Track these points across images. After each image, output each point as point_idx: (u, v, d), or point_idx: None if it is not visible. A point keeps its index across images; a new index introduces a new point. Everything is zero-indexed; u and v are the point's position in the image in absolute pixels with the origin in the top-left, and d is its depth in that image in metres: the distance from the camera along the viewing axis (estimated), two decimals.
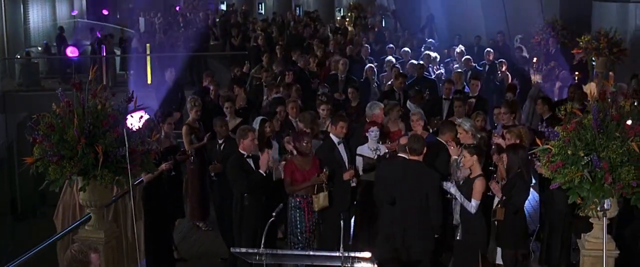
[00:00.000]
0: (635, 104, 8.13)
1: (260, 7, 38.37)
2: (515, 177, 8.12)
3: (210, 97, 12.64)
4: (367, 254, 6.09)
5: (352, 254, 6.09)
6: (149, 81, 21.19)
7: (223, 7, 39.63)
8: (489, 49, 17.14)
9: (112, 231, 7.14)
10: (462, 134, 8.77)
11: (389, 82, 14.19)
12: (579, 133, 6.39)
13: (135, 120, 6.93)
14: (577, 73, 16.68)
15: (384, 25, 28.49)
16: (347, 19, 30.48)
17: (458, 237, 8.27)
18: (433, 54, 16.74)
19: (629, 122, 6.39)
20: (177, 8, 36.05)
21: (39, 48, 25.41)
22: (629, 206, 6.70)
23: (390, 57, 16.48)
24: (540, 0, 19.90)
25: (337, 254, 6.08)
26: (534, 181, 10.47)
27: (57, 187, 6.71)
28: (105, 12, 36.05)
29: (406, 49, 17.52)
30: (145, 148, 6.73)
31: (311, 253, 6.90)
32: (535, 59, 19.23)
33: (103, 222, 7.06)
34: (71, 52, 21.40)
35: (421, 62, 15.10)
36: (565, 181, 6.37)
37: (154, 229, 9.39)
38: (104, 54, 21.33)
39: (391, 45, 18.00)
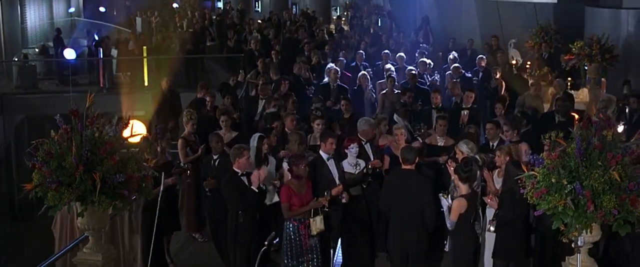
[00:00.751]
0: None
1: (256, 5, 38.50)
2: (506, 192, 8.49)
3: (207, 109, 12.77)
4: None
5: None
6: (146, 83, 21.37)
7: (219, 4, 39.73)
8: (481, 55, 17.25)
9: (109, 253, 7.32)
10: (459, 156, 9.00)
11: (383, 92, 14.31)
12: (563, 161, 6.57)
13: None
14: (569, 79, 16.89)
15: (379, 24, 28.66)
16: (343, 19, 30.69)
17: (446, 249, 8.98)
18: (428, 61, 16.82)
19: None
20: (174, 6, 36.11)
21: (36, 49, 25.49)
22: None
23: (389, 65, 16.52)
24: (534, 4, 20.02)
25: None
26: None
27: (56, 212, 6.89)
28: (102, 9, 36.15)
29: (401, 54, 17.61)
30: (142, 174, 6.90)
31: None
32: (529, 63, 19.43)
33: (101, 244, 7.25)
34: (68, 54, 21.50)
35: (414, 72, 15.14)
36: (549, 207, 6.55)
37: (150, 242, 9.58)
38: (101, 57, 21.42)
39: (387, 51, 18.07)
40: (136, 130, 11.00)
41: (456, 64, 16.25)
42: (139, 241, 9.63)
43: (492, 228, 8.62)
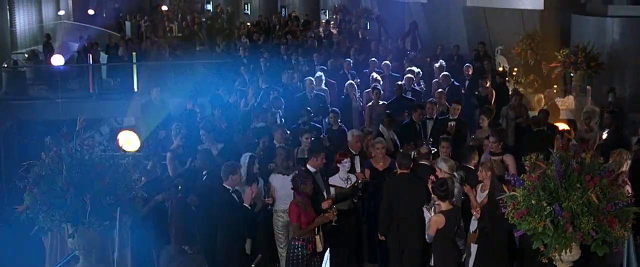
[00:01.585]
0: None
1: (246, 7, 38.52)
2: (488, 204, 8.67)
3: (197, 121, 12.82)
4: None
5: None
6: (136, 89, 21.46)
7: (209, 7, 39.77)
8: (468, 64, 17.36)
9: None
10: (439, 173, 9.20)
11: (370, 104, 14.41)
12: (543, 182, 6.74)
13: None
14: (555, 86, 17.11)
15: (368, 27, 28.74)
16: (332, 22, 30.76)
17: (431, 263, 9.13)
18: (416, 69, 16.89)
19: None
20: (163, 8, 36.14)
21: (26, 55, 25.52)
22: None
23: (375, 74, 16.61)
24: (521, 11, 20.18)
25: None
26: None
27: (47, 234, 7.03)
28: (90, 11, 36.18)
29: (386, 62, 17.73)
30: (132, 195, 7.04)
31: None
32: (516, 70, 19.61)
33: (92, 264, 7.37)
34: (56, 61, 21.51)
35: (400, 82, 15.22)
36: (529, 228, 6.72)
37: (139, 255, 9.73)
38: (90, 63, 21.49)
39: (374, 59, 18.18)
40: (130, 143, 11.21)
41: (445, 73, 16.33)
42: (129, 254, 9.73)
43: (472, 241, 8.84)
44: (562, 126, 12.75)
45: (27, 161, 7.04)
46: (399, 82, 15.11)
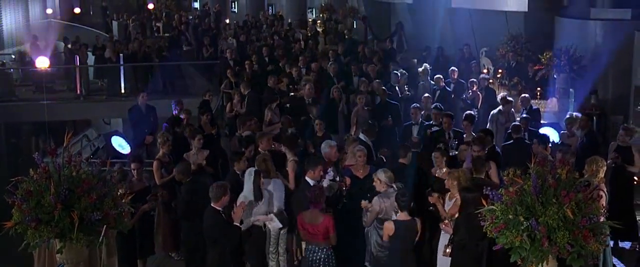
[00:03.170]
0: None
1: (233, 6, 38.55)
2: (462, 217, 8.77)
3: (181, 128, 12.87)
4: None
5: None
6: (123, 90, 21.53)
7: (196, 4, 39.79)
8: (453, 67, 17.47)
9: None
10: (377, 183, 9.38)
11: (356, 109, 14.47)
12: (521, 197, 6.91)
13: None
14: (538, 89, 17.29)
15: (355, 26, 28.84)
16: (319, 21, 30.84)
17: None
18: (399, 73, 16.97)
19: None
20: (150, 7, 36.13)
21: (13, 55, 25.48)
22: None
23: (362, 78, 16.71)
24: (505, 13, 20.34)
25: None
26: None
27: (35, 249, 7.15)
28: (77, 10, 36.17)
29: (372, 65, 17.82)
30: (118, 210, 7.16)
31: None
32: (500, 71, 19.75)
33: None
34: (40, 63, 21.50)
35: (384, 87, 15.33)
36: (507, 242, 6.90)
37: (125, 264, 9.88)
38: (77, 64, 21.52)
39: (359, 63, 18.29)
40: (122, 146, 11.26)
41: (439, 75, 16.46)
42: (116, 263, 9.85)
43: (448, 251, 8.93)
44: (543, 132, 12.92)
45: (14, 160, 7.16)
46: (383, 87, 15.17)
